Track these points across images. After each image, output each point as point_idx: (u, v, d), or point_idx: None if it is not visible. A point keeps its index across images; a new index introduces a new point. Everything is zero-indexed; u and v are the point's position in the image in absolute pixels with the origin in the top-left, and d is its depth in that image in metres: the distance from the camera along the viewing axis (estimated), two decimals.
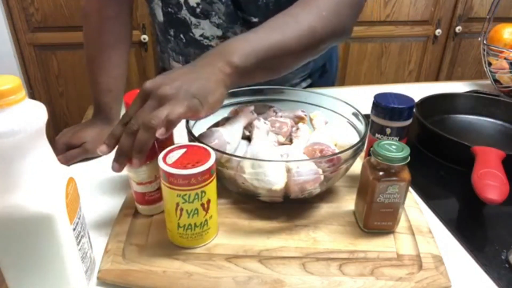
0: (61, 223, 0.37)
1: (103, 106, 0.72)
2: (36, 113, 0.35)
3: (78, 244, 0.41)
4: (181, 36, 0.82)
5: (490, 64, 0.96)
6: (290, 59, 0.62)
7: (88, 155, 0.69)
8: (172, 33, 0.83)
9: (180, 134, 0.60)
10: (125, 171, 0.51)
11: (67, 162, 0.67)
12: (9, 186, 0.35)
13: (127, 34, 0.77)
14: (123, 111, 0.67)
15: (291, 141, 0.60)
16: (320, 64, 0.95)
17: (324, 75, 0.98)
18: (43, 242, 0.38)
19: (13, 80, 0.33)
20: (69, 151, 0.68)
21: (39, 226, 0.36)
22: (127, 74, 0.77)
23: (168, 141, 0.57)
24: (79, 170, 0.67)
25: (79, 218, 0.42)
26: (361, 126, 0.59)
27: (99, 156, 0.70)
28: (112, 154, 0.71)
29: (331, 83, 1.02)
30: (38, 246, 0.38)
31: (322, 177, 0.51)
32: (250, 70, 0.54)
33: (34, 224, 0.36)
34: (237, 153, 0.57)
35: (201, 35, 0.80)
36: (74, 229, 0.40)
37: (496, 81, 0.95)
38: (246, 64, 0.53)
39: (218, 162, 0.49)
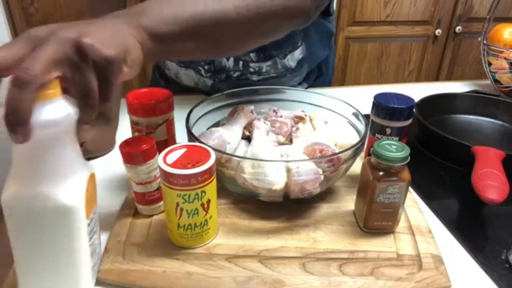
0: (79, 217, 0.38)
1: None
2: (71, 107, 0.36)
3: (90, 240, 0.42)
4: None
5: (490, 64, 0.96)
6: (232, 33, 0.53)
7: (88, 155, 0.69)
8: None
9: (180, 134, 0.60)
10: (125, 171, 0.51)
11: None
12: (36, 176, 0.36)
13: None
14: (123, 112, 0.66)
15: (291, 141, 0.60)
16: (314, 66, 0.94)
17: (319, 77, 0.98)
18: (58, 233, 0.38)
19: None
20: None
21: (57, 217, 0.37)
22: None
23: (168, 141, 0.58)
24: None
25: (94, 214, 0.43)
26: (361, 126, 0.59)
27: (100, 156, 0.70)
28: (113, 156, 0.71)
29: (327, 86, 1.02)
30: (53, 236, 0.39)
31: (322, 177, 0.51)
32: (171, 37, 0.46)
33: (53, 213, 0.37)
34: (237, 153, 0.57)
35: None
36: (89, 224, 0.41)
37: (496, 81, 0.95)
38: (163, 29, 0.45)
39: (218, 162, 0.49)
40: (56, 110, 0.35)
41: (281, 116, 0.63)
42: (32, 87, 0.32)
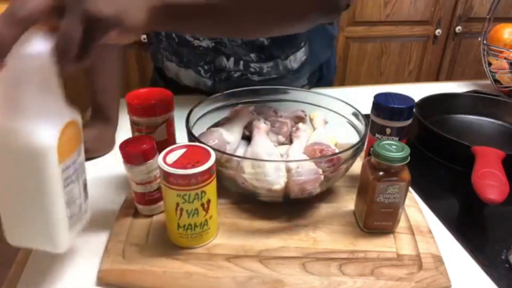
0: (49, 159, 0.37)
1: (100, 107, 0.73)
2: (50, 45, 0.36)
3: (65, 187, 0.40)
4: (173, 35, 0.82)
5: (490, 64, 0.96)
6: (252, 11, 0.49)
7: (87, 155, 0.69)
8: (163, 33, 0.83)
9: (180, 134, 0.60)
10: (125, 171, 0.51)
11: None
12: (14, 110, 0.36)
13: None
14: (123, 112, 0.66)
15: (291, 141, 0.60)
16: (316, 67, 0.94)
17: (321, 80, 0.98)
18: (31, 174, 0.38)
19: None
20: None
21: (29, 156, 0.37)
22: (123, 73, 0.77)
23: (168, 141, 0.58)
24: None
25: (73, 163, 0.41)
26: (361, 126, 0.59)
27: (99, 156, 0.70)
28: (113, 156, 0.71)
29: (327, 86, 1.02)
30: (26, 177, 0.38)
31: (322, 177, 0.51)
32: (186, 8, 0.44)
33: (25, 152, 0.37)
34: (237, 153, 0.57)
35: (191, 36, 0.80)
36: (63, 170, 0.39)
37: (496, 81, 0.95)
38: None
39: (218, 162, 0.49)
40: (33, 45, 0.35)
41: (281, 116, 0.63)
42: (21, 25, 0.34)
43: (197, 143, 0.49)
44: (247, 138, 0.60)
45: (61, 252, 0.42)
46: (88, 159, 0.69)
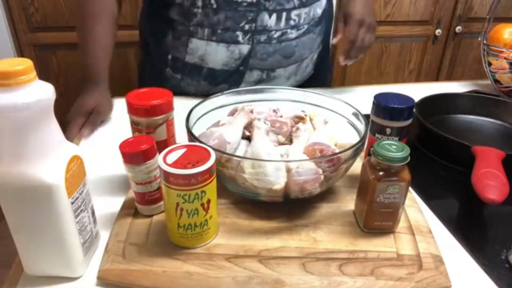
0: (59, 195, 0.40)
1: (92, 75, 0.79)
2: (44, 93, 0.38)
3: (76, 217, 0.43)
4: (212, 1, 0.80)
5: (490, 64, 0.96)
6: None
7: (102, 117, 0.78)
8: (200, 3, 0.81)
9: (180, 134, 0.60)
10: (125, 171, 0.51)
11: (93, 128, 0.76)
12: (17, 156, 0.39)
13: (111, 4, 0.81)
14: (123, 111, 0.66)
15: (291, 141, 0.60)
16: (310, 72, 0.97)
17: (316, 79, 1.00)
18: (42, 211, 0.41)
19: (25, 62, 0.37)
20: (87, 120, 0.76)
21: (39, 195, 0.40)
22: (113, 45, 0.82)
23: (168, 141, 0.58)
24: None
25: (80, 194, 0.44)
26: (361, 126, 0.59)
27: (106, 118, 0.80)
28: (113, 156, 0.71)
29: (327, 83, 1.04)
30: (38, 213, 0.41)
31: (322, 177, 0.51)
32: None
33: (35, 192, 0.40)
34: (237, 153, 0.57)
35: None
36: (72, 203, 0.42)
37: (496, 81, 0.95)
38: None
39: (218, 162, 0.49)
40: (30, 94, 0.37)
41: (281, 116, 0.63)
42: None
43: (197, 143, 0.49)
44: (247, 138, 0.60)
45: (79, 276, 0.46)
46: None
